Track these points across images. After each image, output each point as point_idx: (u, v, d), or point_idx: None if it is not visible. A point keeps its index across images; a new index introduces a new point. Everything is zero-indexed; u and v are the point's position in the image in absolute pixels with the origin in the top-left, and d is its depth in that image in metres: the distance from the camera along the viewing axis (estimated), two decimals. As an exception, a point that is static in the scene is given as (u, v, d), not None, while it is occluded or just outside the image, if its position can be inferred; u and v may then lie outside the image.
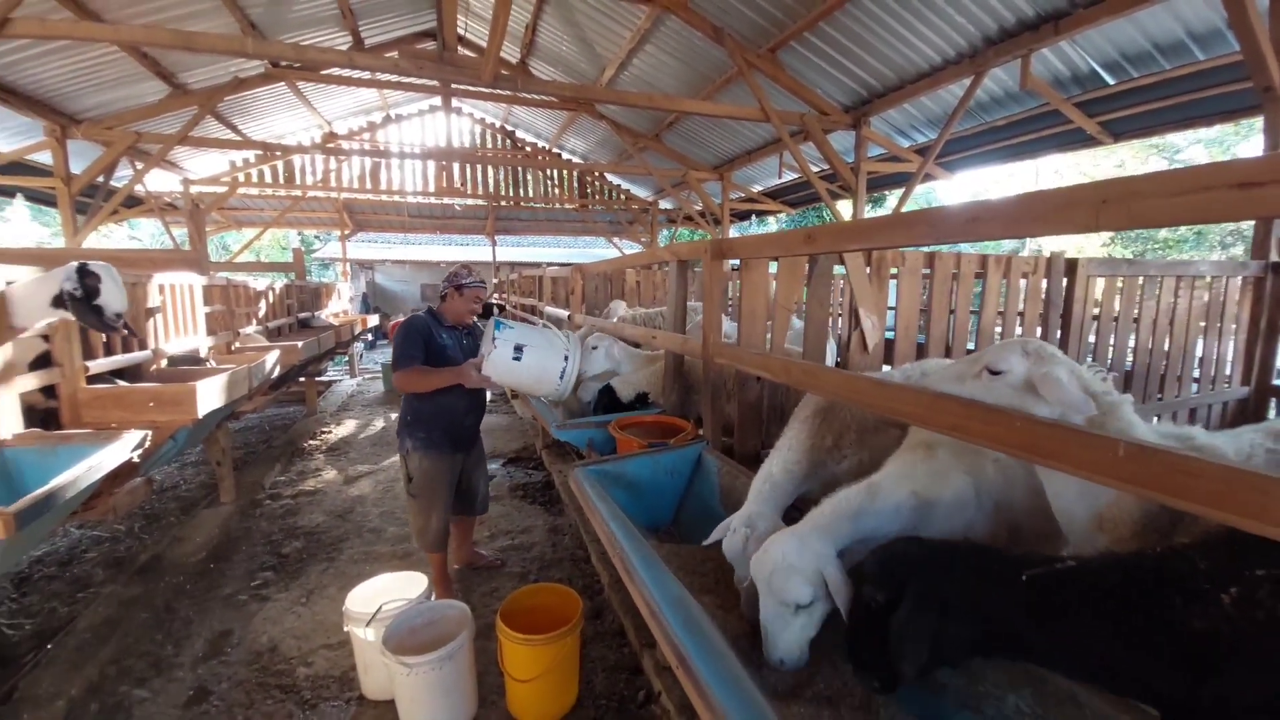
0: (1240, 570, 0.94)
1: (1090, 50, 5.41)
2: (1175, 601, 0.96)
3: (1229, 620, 0.91)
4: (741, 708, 0.98)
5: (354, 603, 2.76)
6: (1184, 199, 0.86)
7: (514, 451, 6.75)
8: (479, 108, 13.61)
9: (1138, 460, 0.89)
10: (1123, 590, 0.99)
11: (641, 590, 1.42)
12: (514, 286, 11.31)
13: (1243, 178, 0.79)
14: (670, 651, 1.16)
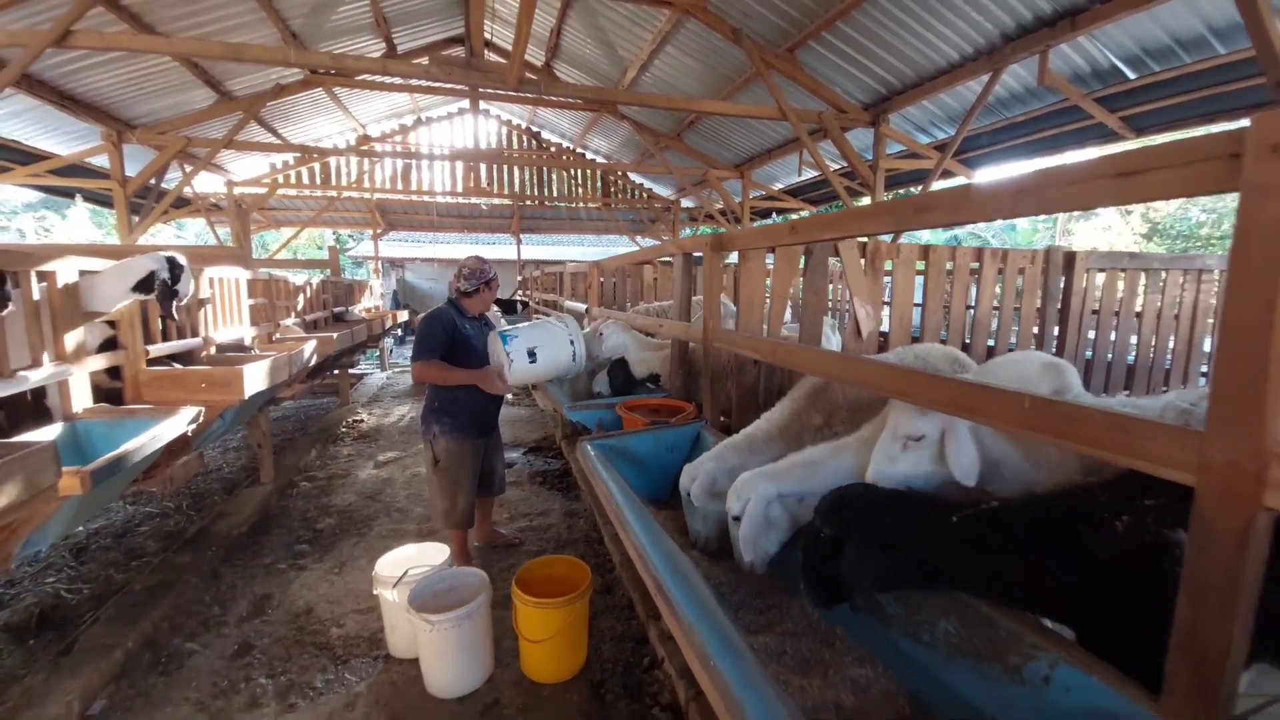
0: (1133, 501, 1.09)
1: (1110, 45, 5.38)
2: (1079, 530, 1.11)
3: (1121, 543, 1.06)
4: (710, 628, 1.16)
5: (382, 568, 3.00)
6: (1077, 188, 1.00)
7: (534, 441, 6.99)
8: (505, 109, 13.96)
9: (1040, 411, 1.05)
10: (1036, 523, 1.15)
11: (632, 538, 1.60)
12: (536, 283, 11.61)
13: (1121, 168, 0.94)
14: (650, 581, 1.34)
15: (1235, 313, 0.83)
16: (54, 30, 4.98)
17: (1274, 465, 0.80)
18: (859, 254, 2.63)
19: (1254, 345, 0.80)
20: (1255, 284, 0.79)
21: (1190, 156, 0.88)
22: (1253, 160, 0.79)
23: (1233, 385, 0.84)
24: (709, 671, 1.05)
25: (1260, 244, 0.79)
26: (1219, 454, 0.86)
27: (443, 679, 2.72)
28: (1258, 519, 0.82)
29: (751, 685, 0.99)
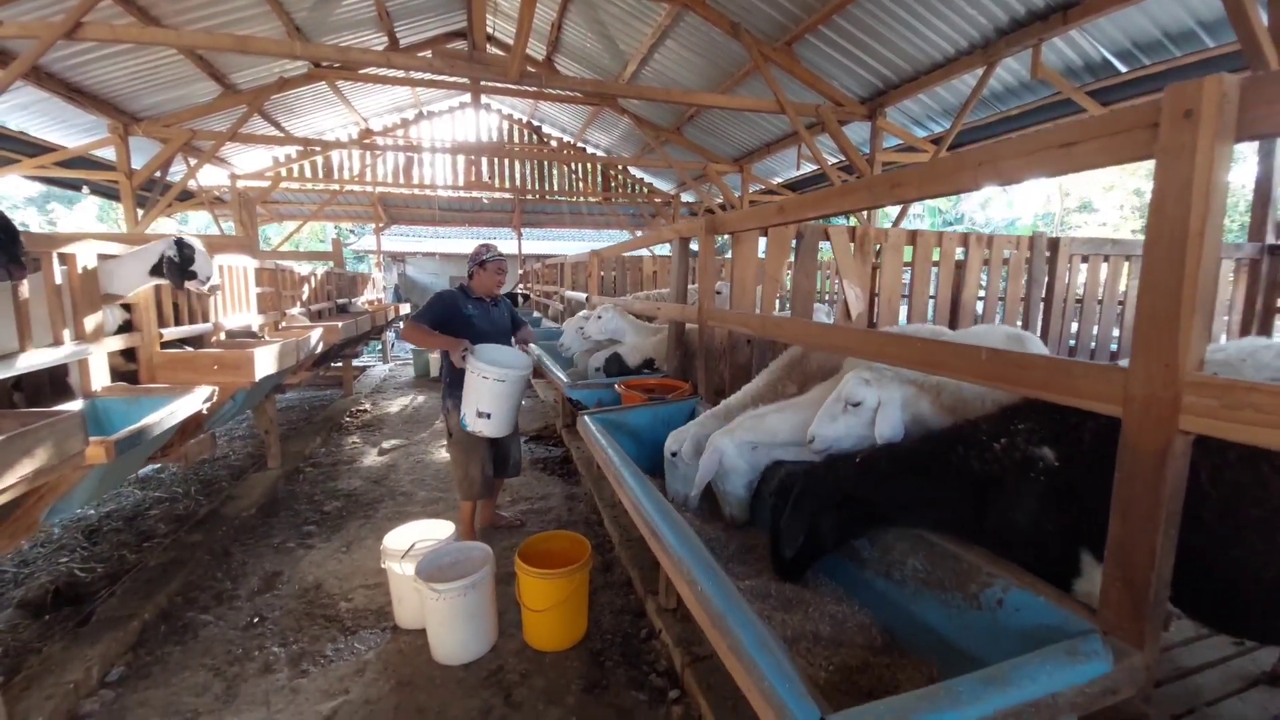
0: (1007, 426, 1.25)
1: (1101, 38, 5.47)
2: (962, 454, 1.28)
3: (998, 461, 1.23)
4: (696, 560, 1.28)
5: (390, 542, 3.12)
6: (1029, 158, 1.11)
7: (536, 430, 7.12)
8: (506, 103, 14.04)
9: (993, 361, 1.16)
10: (929, 453, 1.31)
11: (628, 492, 1.71)
12: (538, 276, 11.71)
13: (1063, 140, 1.05)
14: (641, 524, 1.45)
15: (1151, 264, 0.94)
16: (65, 22, 5.07)
17: (1186, 393, 0.91)
18: (849, 239, 2.74)
19: (1167, 292, 0.91)
20: (1169, 239, 0.90)
21: (1117, 127, 0.99)
22: (1167, 125, 0.90)
23: (1150, 327, 0.95)
24: (696, 594, 1.16)
25: (1173, 200, 0.90)
26: (1139, 387, 0.97)
27: (448, 647, 2.83)
28: (1175, 442, 0.94)
29: (733, 603, 1.10)
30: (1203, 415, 0.90)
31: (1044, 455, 1.28)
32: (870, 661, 1.31)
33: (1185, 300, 0.89)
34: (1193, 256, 0.89)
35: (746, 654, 0.95)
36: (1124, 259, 3.60)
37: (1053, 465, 1.25)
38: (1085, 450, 1.24)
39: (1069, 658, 0.95)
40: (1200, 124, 0.86)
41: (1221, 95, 0.85)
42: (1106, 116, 1.00)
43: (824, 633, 1.38)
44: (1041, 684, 0.90)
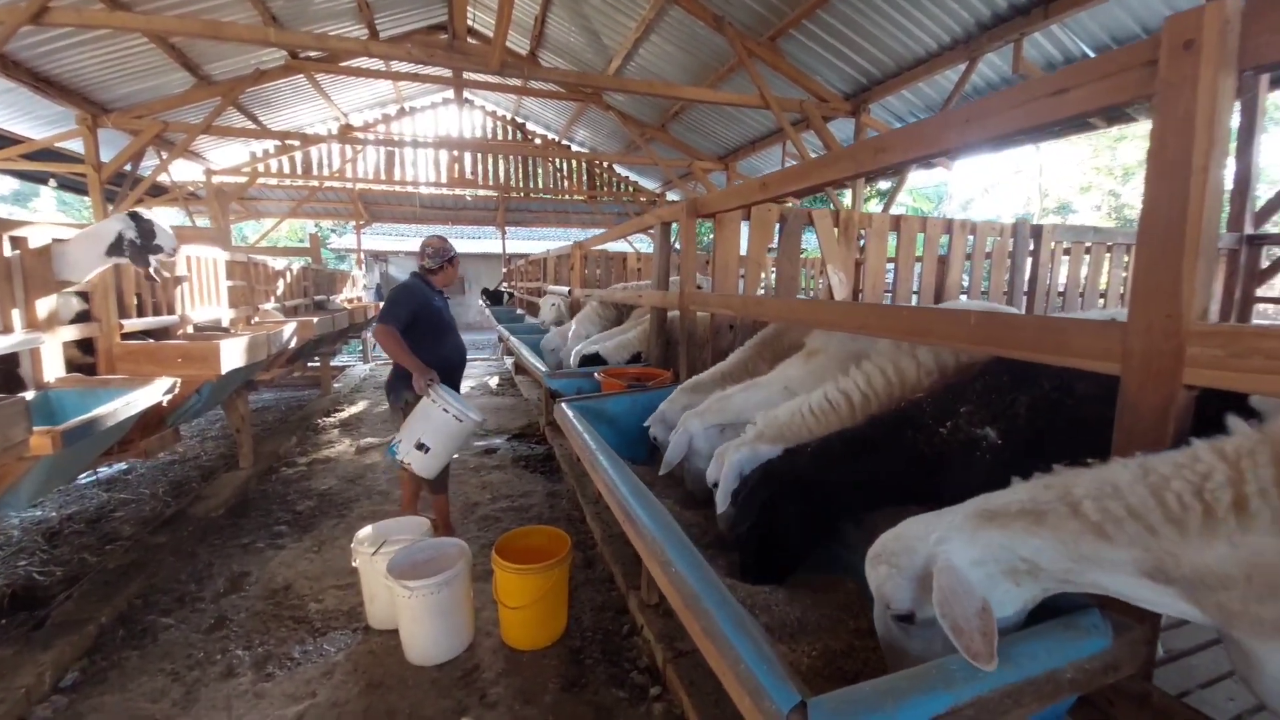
0: (953, 408, 1.21)
1: (1080, 34, 5.50)
2: (910, 435, 1.23)
3: (945, 440, 1.18)
4: (671, 541, 1.20)
5: (362, 538, 3.01)
6: (1021, 109, 1.05)
7: (518, 428, 7.01)
8: (489, 99, 13.89)
9: (983, 325, 1.10)
10: (877, 436, 1.27)
11: (602, 474, 1.64)
12: (521, 273, 11.57)
13: (1057, 86, 0.99)
14: (615, 506, 1.37)
15: (1153, 205, 0.88)
16: (30, 6, 4.88)
17: (1191, 344, 0.85)
18: (833, 223, 2.68)
19: (1169, 236, 0.85)
20: (1170, 175, 0.85)
21: (1111, 68, 0.93)
22: (1167, 58, 0.84)
23: (1149, 276, 0.89)
24: (669, 576, 1.09)
25: (1174, 135, 0.84)
26: (1138, 341, 0.91)
27: (421, 646, 2.73)
28: (1178, 397, 0.88)
29: (708, 583, 1.03)
30: (1208, 367, 0.84)
31: (987, 435, 1.25)
32: (855, 645, 1.24)
33: (1189, 244, 0.84)
34: (1195, 196, 0.83)
35: (722, 635, 0.88)
36: (1105, 249, 3.59)
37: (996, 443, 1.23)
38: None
39: (1067, 632, 0.89)
40: (1202, 54, 0.81)
41: (1223, 23, 0.80)
42: (1099, 59, 0.95)
43: (806, 617, 1.32)
44: (1040, 661, 0.83)
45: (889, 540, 1.07)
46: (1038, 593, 0.95)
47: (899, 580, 1.02)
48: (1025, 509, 0.93)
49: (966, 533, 0.96)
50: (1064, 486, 0.93)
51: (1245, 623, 0.76)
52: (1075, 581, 0.90)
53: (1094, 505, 0.87)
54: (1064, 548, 0.89)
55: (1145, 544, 0.83)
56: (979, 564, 0.94)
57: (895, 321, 1.34)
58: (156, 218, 2.88)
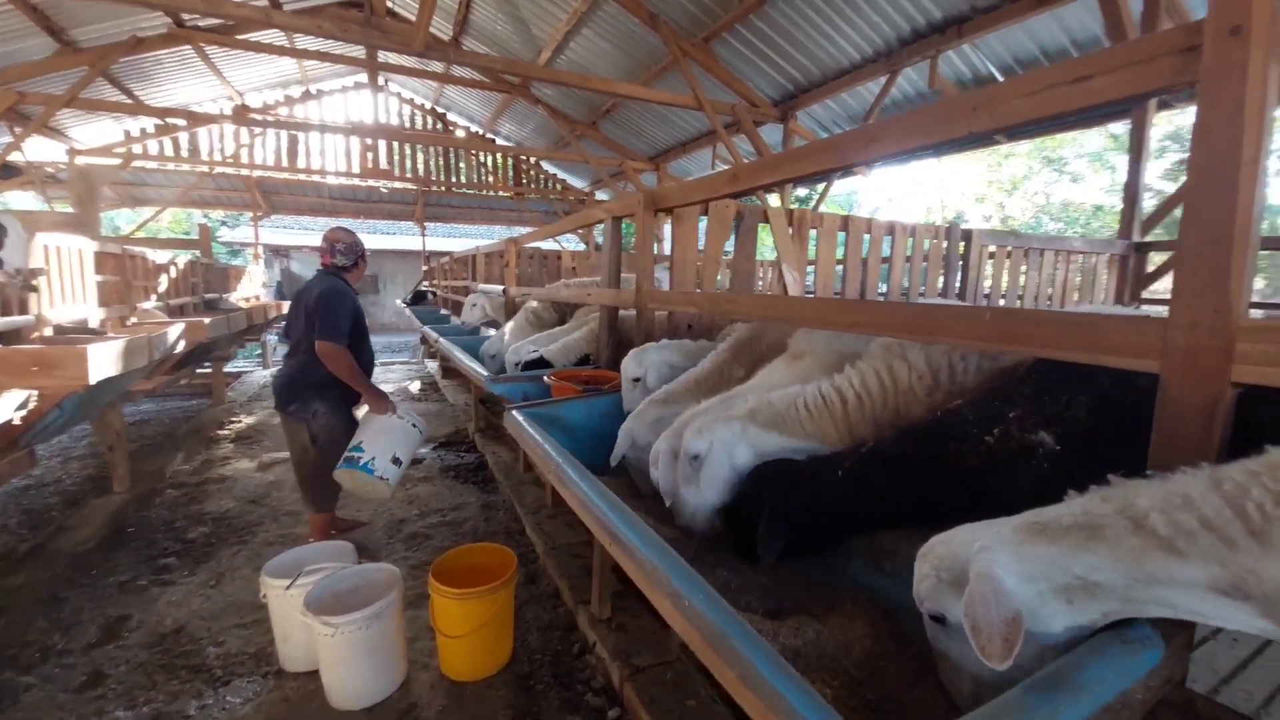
0: (999, 415, 1.16)
1: (988, 54, 5.95)
2: (953, 448, 1.17)
3: (994, 453, 1.13)
4: (676, 569, 1.06)
5: (272, 571, 2.64)
6: (1037, 96, 1.00)
7: (445, 436, 6.61)
8: (408, 87, 13.10)
9: (1000, 321, 1.05)
10: (915, 452, 1.21)
11: (575, 491, 1.47)
12: (444, 270, 10.96)
13: (1077, 74, 0.95)
14: (598, 528, 1.22)
15: (1197, 198, 0.85)
16: None
17: (1241, 340, 0.83)
18: (786, 221, 2.65)
19: (1217, 230, 0.83)
20: (1218, 166, 0.82)
21: (1141, 55, 0.90)
22: (1212, 45, 0.82)
23: (1195, 271, 0.87)
24: (683, 609, 0.95)
25: (1222, 125, 0.82)
26: (1182, 337, 0.89)
27: (348, 688, 2.43)
28: (1225, 395, 0.85)
29: (730, 617, 0.90)
30: (1261, 364, 0.82)
31: (1043, 441, 1.18)
32: (875, 670, 1.15)
33: (1238, 239, 0.81)
34: (1245, 189, 0.81)
35: (767, 685, 0.74)
36: (1024, 252, 3.86)
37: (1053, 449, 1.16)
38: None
39: (1125, 648, 0.84)
40: (1251, 40, 0.79)
41: (1274, 8, 0.78)
42: (1125, 46, 0.92)
43: (821, 641, 1.22)
44: (1110, 684, 0.78)
45: (937, 544, 1.03)
46: (1097, 617, 0.90)
47: (934, 583, 1.00)
48: (1079, 523, 0.89)
49: (1013, 545, 0.91)
50: (1123, 499, 0.88)
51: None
52: (1138, 600, 0.86)
53: (1162, 519, 0.82)
54: (1125, 565, 0.85)
55: (1221, 559, 0.79)
56: (1030, 580, 0.89)
57: (894, 318, 1.27)
58: (16, 228, 2.35)
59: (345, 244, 3.36)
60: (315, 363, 3.16)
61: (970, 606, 0.89)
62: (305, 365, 3.21)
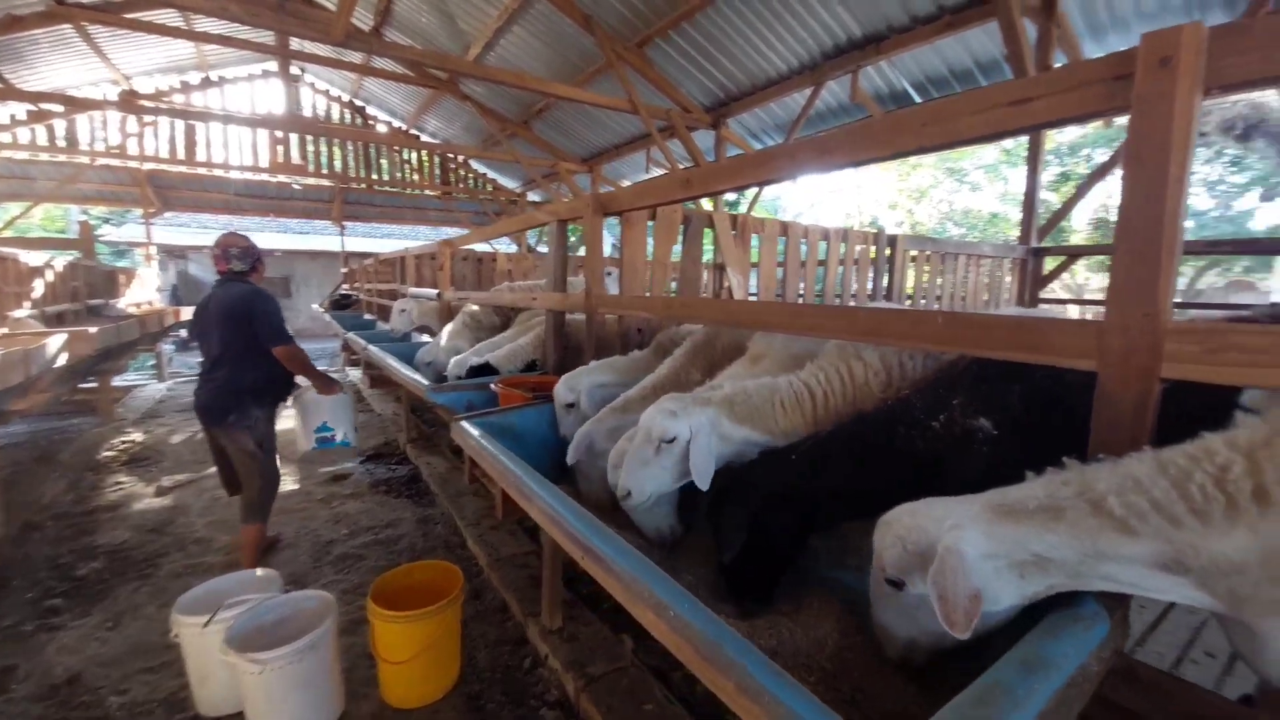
0: (946, 401, 1.26)
1: (904, 71, 6.37)
2: (901, 433, 1.27)
3: (941, 438, 1.23)
4: (657, 580, 1.05)
5: (185, 607, 2.40)
6: (983, 115, 1.08)
7: (373, 448, 6.26)
8: (323, 77, 12.30)
9: (952, 325, 1.11)
10: (866, 438, 1.29)
11: (542, 505, 1.42)
12: (368, 273, 10.34)
13: (1020, 95, 1.02)
14: (568, 541, 1.18)
15: (1130, 212, 0.94)
16: None
17: (1169, 340, 0.92)
18: (731, 226, 2.71)
19: (1147, 241, 0.92)
20: (1147, 187, 0.91)
21: (1077, 81, 0.99)
22: (1144, 73, 0.91)
23: (1129, 277, 0.96)
24: (670, 622, 0.93)
25: (1151, 147, 0.91)
26: (1116, 339, 0.98)
27: (280, 728, 2.23)
28: (1153, 390, 0.95)
29: (721, 626, 0.90)
30: (1186, 361, 0.92)
31: (983, 426, 1.28)
32: (845, 662, 1.19)
33: (1165, 249, 0.91)
34: (1171, 204, 0.90)
35: (768, 694, 0.74)
36: (940, 256, 4.16)
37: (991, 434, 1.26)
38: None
39: (1078, 625, 0.91)
40: (1179, 71, 0.88)
41: (1199, 43, 0.87)
42: (1063, 70, 1.00)
43: (795, 639, 1.24)
44: (1072, 659, 0.84)
45: (904, 513, 1.09)
46: (1042, 589, 0.98)
47: (900, 551, 1.05)
48: (1044, 505, 0.96)
49: (983, 524, 0.97)
50: (1082, 482, 0.96)
51: (1255, 605, 0.84)
52: (1085, 575, 0.94)
53: (1118, 501, 0.90)
54: (1081, 543, 0.92)
55: (1168, 536, 0.88)
56: (990, 557, 0.96)
57: (854, 323, 1.33)
58: None
59: (240, 249, 3.32)
60: (247, 371, 3.18)
61: (939, 578, 0.95)
62: (237, 375, 3.18)
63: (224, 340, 3.14)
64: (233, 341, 3.13)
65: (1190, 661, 1.76)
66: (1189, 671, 1.60)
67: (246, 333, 3.13)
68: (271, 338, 3.14)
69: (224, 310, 3.13)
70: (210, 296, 3.26)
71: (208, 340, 3.21)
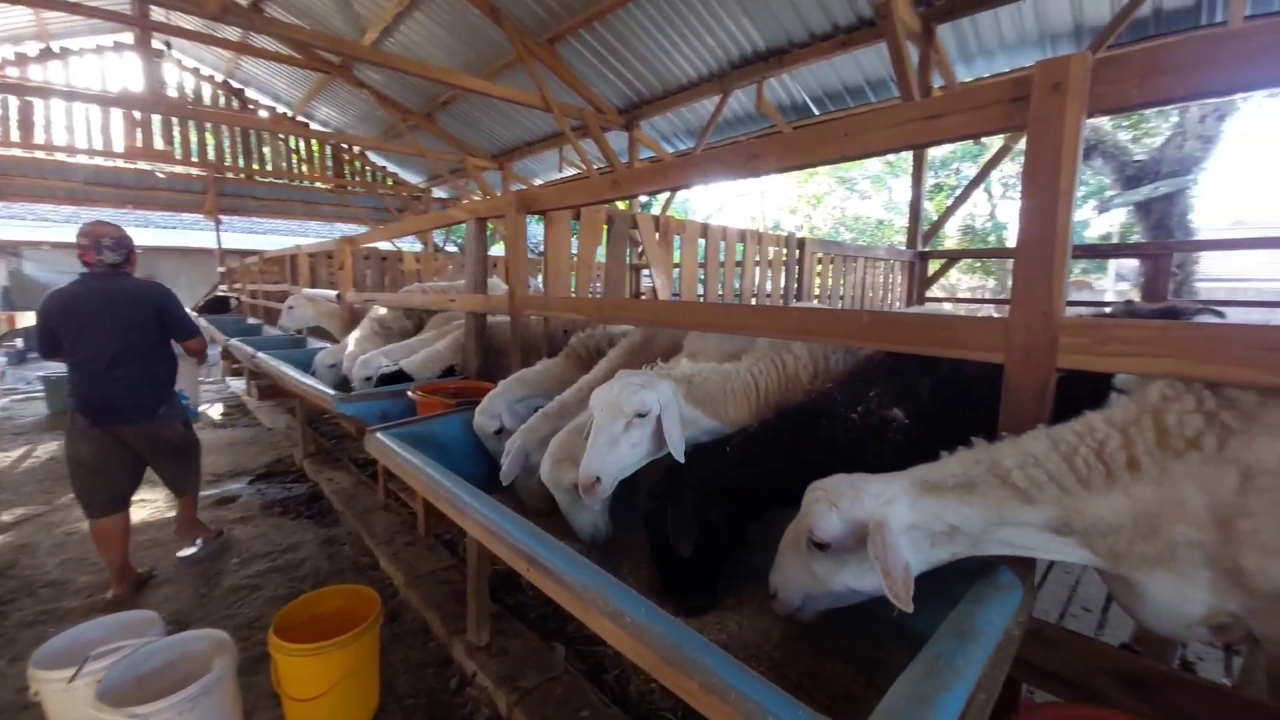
0: (864, 393, 1.39)
1: (804, 85, 6.77)
2: (824, 425, 1.38)
3: (860, 428, 1.34)
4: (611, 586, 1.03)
5: (45, 660, 2.06)
6: (898, 128, 1.16)
7: (264, 466, 5.70)
8: (191, 52, 10.97)
9: (875, 324, 1.21)
10: (791, 431, 1.38)
11: (477, 517, 1.35)
12: (251, 273, 9.34)
13: (929, 112, 1.12)
14: (518, 559, 1.13)
15: (1028, 221, 1.06)
16: None
17: (1063, 334, 1.05)
18: (654, 227, 2.74)
19: (1042, 247, 1.03)
20: (1040, 198, 1.03)
21: (981, 101, 1.10)
22: (1038, 96, 1.02)
23: (1027, 281, 1.08)
24: (627, 627, 0.92)
25: (1044, 163, 1.02)
26: (1019, 335, 1.10)
27: (169, 787, 1.96)
28: (1051, 379, 1.08)
29: (679, 627, 0.89)
30: (1077, 353, 1.05)
31: (896, 416, 1.39)
32: (789, 650, 1.24)
33: (1058, 254, 1.03)
34: (1063, 214, 1.02)
35: (735, 691, 0.75)
36: (843, 259, 4.46)
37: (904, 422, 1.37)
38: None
39: (999, 593, 1.02)
40: (1068, 95, 1.00)
41: (1085, 70, 1.00)
42: (970, 91, 1.11)
43: (743, 633, 1.27)
44: (997, 625, 0.93)
45: (839, 482, 1.16)
46: (946, 556, 1.10)
47: (832, 518, 1.12)
48: (961, 481, 1.07)
49: (909, 499, 1.07)
50: (991, 460, 1.08)
51: (1130, 560, 0.99)
52: (985, 543, 1.07)
53: (1021, 474, 1.03)
54: (990, 512, 1.04)
55: (1060, 502, 1.01)
56: (913, 528, 1.06)
57: (784, 322, 1.40)
58: None
59: (113, 238, 3.11)
60: (159, 363, 3.23)
61: (880, 552, 1.03)
62: (151, 368, 3.17)
63: (126, 336, 3.01)
64: (140, 337, 3.05)
65: (1070, 616, 2.04)
66: (1071, 623, 1.84)
67: (156, 327, 3.11)
68: (189, 332, 3.26)
69: (123, 305, 3.01)
70: (83, 292, 3.00)
71: (91, 339, 2.96)
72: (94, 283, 3.01)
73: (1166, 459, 0.96)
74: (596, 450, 1.53)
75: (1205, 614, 0.97)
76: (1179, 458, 0.95)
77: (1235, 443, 0.91)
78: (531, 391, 2.36)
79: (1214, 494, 0.92)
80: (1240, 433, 0.92)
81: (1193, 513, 0.93)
